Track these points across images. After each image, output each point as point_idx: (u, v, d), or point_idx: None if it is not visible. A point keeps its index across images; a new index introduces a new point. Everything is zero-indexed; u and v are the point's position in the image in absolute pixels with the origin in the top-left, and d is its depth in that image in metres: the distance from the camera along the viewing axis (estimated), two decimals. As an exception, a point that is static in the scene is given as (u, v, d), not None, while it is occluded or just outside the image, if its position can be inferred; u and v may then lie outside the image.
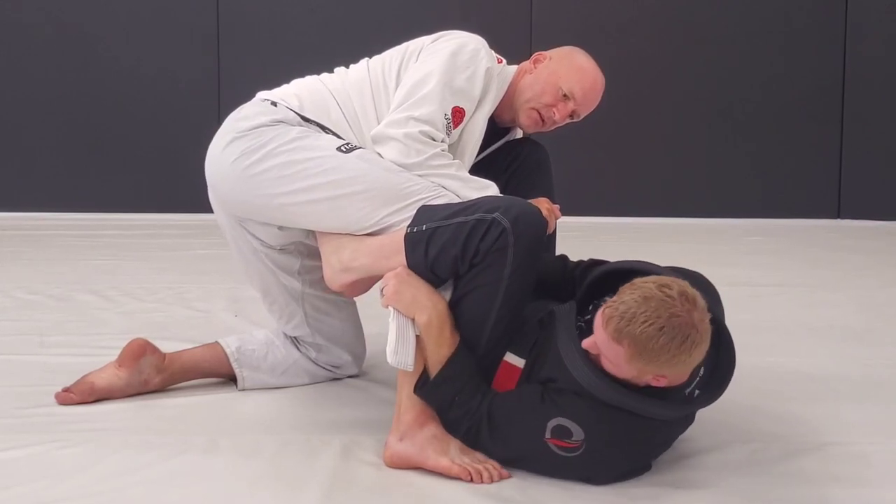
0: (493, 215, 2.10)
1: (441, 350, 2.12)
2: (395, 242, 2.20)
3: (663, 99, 5.99)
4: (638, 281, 1.97)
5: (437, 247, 2.12)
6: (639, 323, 1.89)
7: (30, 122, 5.83)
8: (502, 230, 2.08)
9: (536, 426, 2.04)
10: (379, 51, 2.58)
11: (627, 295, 1.94)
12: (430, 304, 2.13)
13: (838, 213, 6.03)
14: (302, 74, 2.58)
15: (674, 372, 1.98)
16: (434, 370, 2.12)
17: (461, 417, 2.11)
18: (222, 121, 2.49)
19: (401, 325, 2.14)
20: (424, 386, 2.13)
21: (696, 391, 2.07)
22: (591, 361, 2.03)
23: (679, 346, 1.90)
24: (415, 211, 2.22)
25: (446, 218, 2.14)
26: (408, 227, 2.18)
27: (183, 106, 5.82)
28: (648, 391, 2.01)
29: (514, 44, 4.95)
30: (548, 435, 2.03)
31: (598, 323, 1.98)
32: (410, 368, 2.13)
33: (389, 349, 2.13)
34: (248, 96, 2.54)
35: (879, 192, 5.97)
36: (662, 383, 1.99)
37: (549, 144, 2.75)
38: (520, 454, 2.09)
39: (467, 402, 2.10)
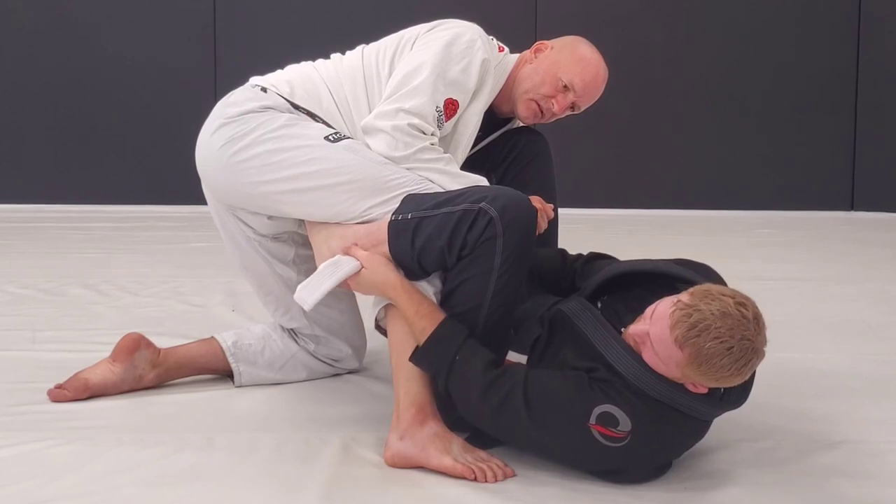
0: (480, 205, 2.08)
1: (422, 321, 2.07)
2: (382, 230, 2.19)
3: (672, 88, 5.93)
4: (714, 289, 1.94)
5: (423, 238, 2.11)
6: (710, 337, 1.88)
7: (22, 112, 5.78)
8: (489, 220, 2.06)
9: (581, 410, 1.97)
10: (378, 39, 2.53)
11: (704, 304, 1.90)
12: (387, 274, 2.14)
13: (852, 205, 5.97)
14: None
15: (717, 385, 1.98)
16: (423, 337, 2.06)
17: (469, 387, 2.01)
18: (218, 113, 2.43)
19: (323, 273, 2.19)
20: (416, 351, 2.08)
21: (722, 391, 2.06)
22: (637, 355, 1.99)
23: (739, 368, 1.91)
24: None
25: (432, 208, 2.12)
26: (392, 213, 2.17)
27: (178, 97, 5.77)
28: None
29: (518, 34, 4.90)
30: (592, 420, 1.97)
31: (657, 318, 1.94)
32: (307, 307, 2.19)
33: (300, 285, 2.20)
34: (243, 87, 2.49)
35: (894, 184, 5.90)
36: (700, 391, 1.98)
37: (554, 135, 2.70)
38: (556, 438, 2.00)
39: (469, 360, 2.02)
